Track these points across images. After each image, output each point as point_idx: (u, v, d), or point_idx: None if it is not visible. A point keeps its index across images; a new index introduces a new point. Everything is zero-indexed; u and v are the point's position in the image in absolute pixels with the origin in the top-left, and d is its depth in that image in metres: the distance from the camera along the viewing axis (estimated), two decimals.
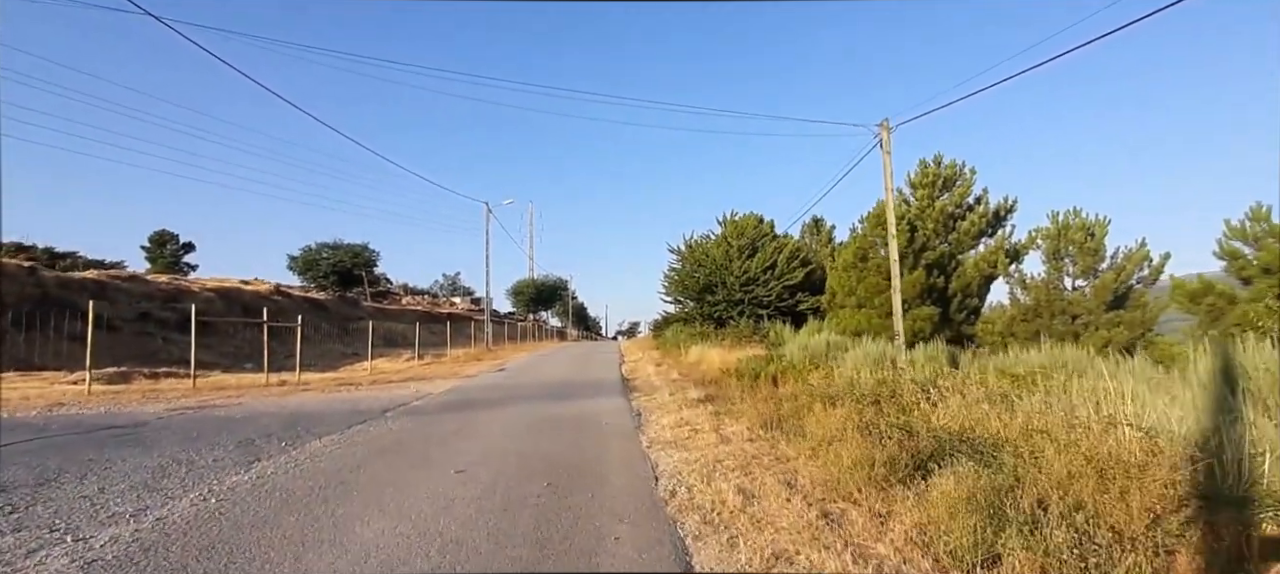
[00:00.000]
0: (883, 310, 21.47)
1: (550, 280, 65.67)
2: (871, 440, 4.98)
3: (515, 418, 8.11)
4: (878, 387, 8.15)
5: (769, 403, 8.53)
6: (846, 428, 5.55)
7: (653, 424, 7.79)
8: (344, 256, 35.24)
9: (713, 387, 11.52)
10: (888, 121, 10.77)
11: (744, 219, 31.52)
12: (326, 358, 20.60)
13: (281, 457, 5.71)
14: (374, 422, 7.78)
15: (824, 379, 10.11)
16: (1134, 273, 18.16)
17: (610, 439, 6.75)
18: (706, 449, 6.15)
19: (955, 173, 22.72)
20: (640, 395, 10.71)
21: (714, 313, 29.40)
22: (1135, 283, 18.46)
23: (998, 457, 4.45)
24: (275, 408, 8.78)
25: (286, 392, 10.80)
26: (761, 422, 7.35)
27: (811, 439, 5.82)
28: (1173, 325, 20.78)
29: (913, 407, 6.62)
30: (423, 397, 10.44)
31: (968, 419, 5.79)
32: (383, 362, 19.44)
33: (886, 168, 10.92)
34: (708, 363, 17.32)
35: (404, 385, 12.34)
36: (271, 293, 25.87)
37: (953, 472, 4.19)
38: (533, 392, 11.33)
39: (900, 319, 10.74)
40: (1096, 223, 19.01)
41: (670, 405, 9.22)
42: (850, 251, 22.91)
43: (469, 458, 5.70)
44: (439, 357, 22.07)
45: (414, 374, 15.43)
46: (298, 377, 12.68)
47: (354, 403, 9.45)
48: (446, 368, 17.53)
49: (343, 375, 14.98)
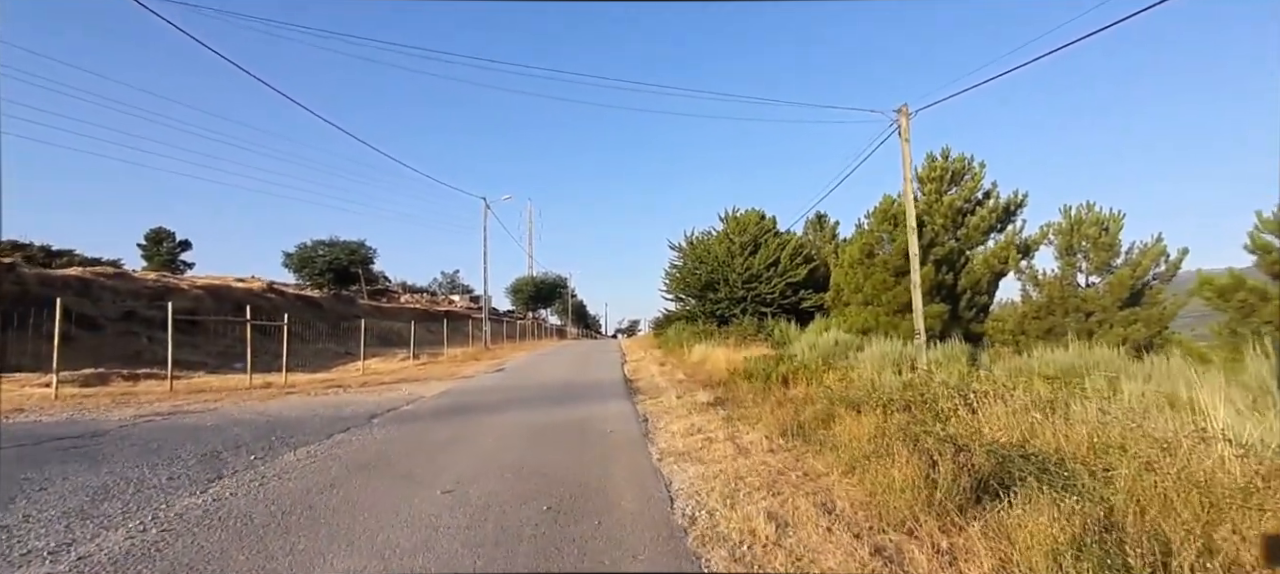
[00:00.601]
0: (890, 308, 20.85)
1: (550, 278, 64.98)
2: (920, 456, 4.32)
3: (512, 425, 7.44)
4: (904, 390, 7.50)
5: (787, 408, 7.87)
6: (888, 441, 4.89)
7: (662, 432, 7.13)
8: (340, 254, 34.47)
9: (721, 388, 10.87)
10: (906, 107, 10.12)
11: (746, 215, 30.86)
12: (319, 358, 19.91)
13: (247, 473, 5.03)
14: (358, 430, 7.10)
15: (840, 381, 9.46)
16: (1150, 269, 17.54)
17: (617, 450, 6.08)
18: (724, 462, 5.48)
19: (964, 166, 22.06)
20: (645, 398, 10.05)
21: (716, 310, 28.74)
22: (1151, 279, 17.85)
23: (1072, 478, 3.79)
24: (253, 414, 8.10)
25: (270, 395, 10.12)
26: (780, 429, 6.69)
27: (844, 452, 5.16)
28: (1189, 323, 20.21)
29: (949, 414, 5.97)
30: (414, 400, 9.76)
31: (1018, 429, 5.14)
32: (377, 362, 18.75)
33: (905, 156, 10.27)
34: (713, 362, 16.66)
35: (396, 387, 11.66)
36: (264, 290, 25.14)
37: (1027, 497, 3.53)
38: (532, 394, 10.66)
39: (921, 316, 10.11)
40: (1111, 217, 18.38)
41: (678, 410, 8.56)
42: (857, 247, 22.27)
43: (459, 474, 5.03)
44: (435, 356, 21.39)
45: (408, 375, 14.75)
46: (284, 378, 12.00)
47: (340, 407, 8.77)
48: (442, 368, 16.85)
49: (333, 377, 14.30)
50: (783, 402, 8.86)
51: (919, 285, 10.45)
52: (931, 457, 4.27)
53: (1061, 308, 18.74)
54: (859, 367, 10.23)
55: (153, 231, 49.09)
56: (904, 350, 10.78)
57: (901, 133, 10.18)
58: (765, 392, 9.63)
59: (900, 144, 10.26)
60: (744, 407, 8.73)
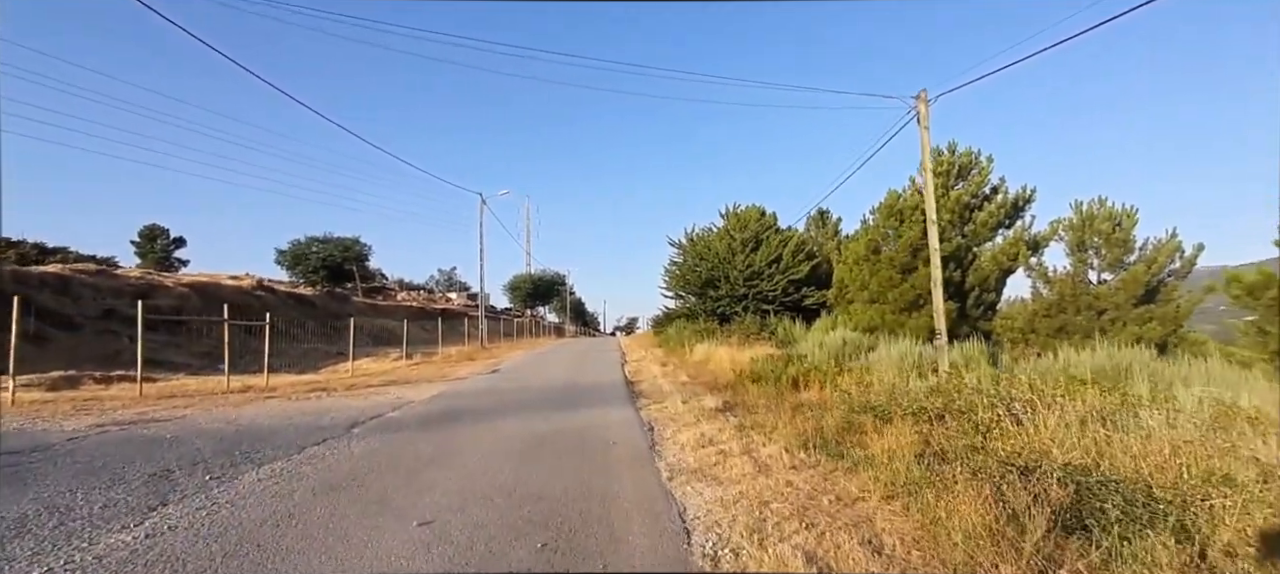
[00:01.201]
0: (897, 305, 20.22)
1: (547, 275, 64.23)
2: (981, 483, 3.64)
3: (506, 436, 6.75)
4: (931, 396, 6.85)
5: (805, 416, 7.21)
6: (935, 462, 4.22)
7: (669, 443, 6.45)
8: (334, 250, 33.66)
9: (729, 392, 10.20)
10: (925, 93, 9.48)
11: (747, 211, 30.21)
12: (309, 358, 19.18)
13: (196, 498, 4.34)
14: (335, 441, 6.41)
15: (857, 384, 8.80)
16: (1166, 266, 16.93)
17: (621, 467, 5.40)
18: (743, 482, 4.81)
19: (971, 161, 21.42)
20: (649, 402, 9.37)
21: (717, 309, 28.09)
22: (1166, 277, 17.25)
23: (1164, 512, 3.13)
24: (223, 422, 7.40)
25: (246, 400, 9.41)
26: (801, 441, 6.02)
27: (881, 471, 4.49)
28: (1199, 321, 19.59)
29: (991, 426, 5.31)
30: (402, 405, 9.07)
31: (1079, 446, 4.48)
32: (368, 362, 18.04)
33: (924, 144, 9.61)
34: (716, 363, 16.00)
35: (384, 391, 10.96)
36: (254, 288, 24.36)
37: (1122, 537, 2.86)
38: (528, 398, 9.98)
39: (942, 315, 9.45)
40: (1124, 213, 17.78)
41: (685, 416, 7.88)
42: (862, 244, 21.63)
43: (441, 500, 4.34)
44: (429, 355, 20.67)
45: (399, 376, 14.04)
46: (265, 381, 11.29)
47: (319, 415, 8.07)
48: (435, 369, 16.15)
49: (319, 379, 13.58)
50: (798, 407, 8.21)
51: (940, 282, 9.81)
52: (996, 484, 3.60)
53: (1073, 306, 18.14)
54: (875, 369, 9.58)
55: (146, 228, 48.23)
56: (923, 351, 10.11)
57: (920, 120, 9.53)
58: (778, 397, 8.97)
59: (919, 132, 9.61)
60: (756, 413, 8.07)
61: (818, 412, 8.10)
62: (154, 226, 48.47)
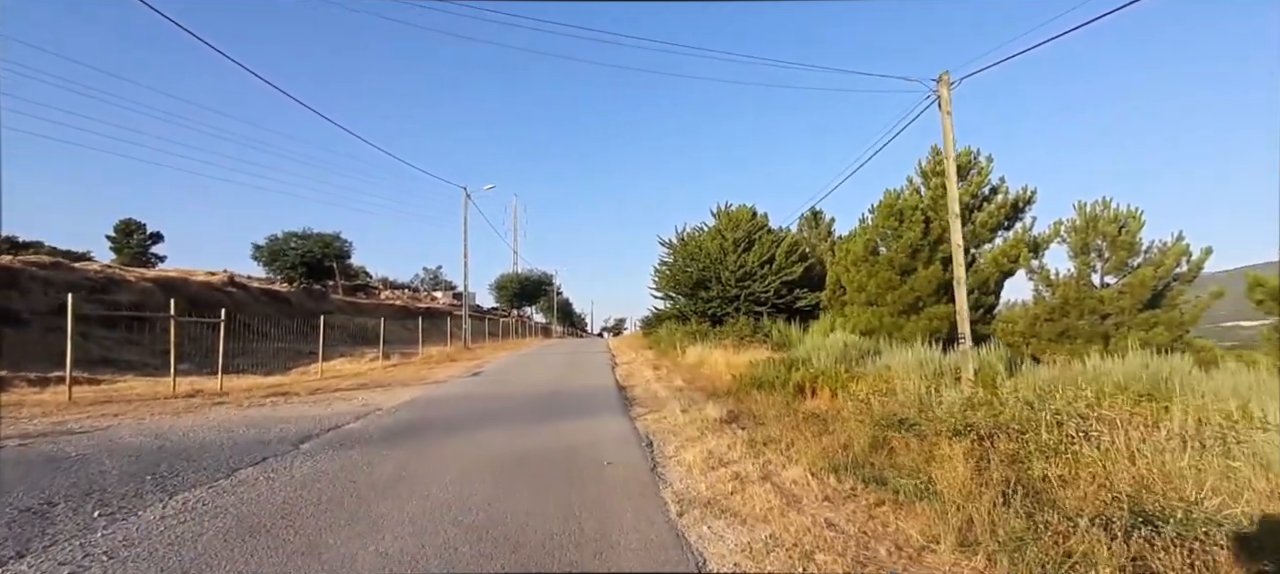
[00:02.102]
0: (895, 308, 19.47)
1: (535, 275, 62.98)
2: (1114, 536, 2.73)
3: (481, 454, 5.75)
4: (969, 410, 5.96)
5: (823, 430, 6.30)
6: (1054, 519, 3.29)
7: (674, 463, 5.49)
8: (313, 246, 32.16)
9: (731, 400, 9.28)
10: (947, 75, 8.63)
11: (738, 211, 29.38)
12: (279, 358, 17.95)
13: (70, 546, 3.30)
14: (277, 460, 5.36)
15: (875, 393, 7.91)
16: (1173, 269, 16.33)
17: (618, 496, 4.43)
18: (772, 520, 3.87)
19: (970, 160, 20.77)
20: (645, 411, 8.41)
21: (708, 309, 27.22)
22: (1172, 280, 16.66)
23: None
24: (151, 435, 6.30)
25: (191, 406, 8.29)
26: (828, 463, 5.10)
27: (950, 510, 3.56)
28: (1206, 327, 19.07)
29: (1061, 448, 4.42)
30: (367, 414, 8.01)
31: (1196, 481, 3.60)
32: (343, 363, 16.87)
33: (947, 130, 8.77)
34: (712, 366, 15.09)
35: (351, 395, 9.88)
36: (224, 284, 22.98)
37: None
38: (510, 406, 8.96)
39: (966, 319, 8.58)
40: (1130, 214, 17.15)
41: (687, 429, 6.93)
42: (861, 244, 20.85)
43: (391, 545, 3.34)
44: (409, 356, 19.53)
45: (372, 379, 12.94)
46: (219, 384, 10.15)
47: (268, 425, 7.00)
48: (413, 371, 15.04)
49: (284, 381, 12.43)
50: (810, 418, 7.30)
51: (963, 280, 8.96)
52: (1126, 535, 2.69)
53: (1077, 309, 17.50)
54: (891, 376, 8.71)
55: (122, 223, 46.45)
56: (944, 358, 9.26)
57: (942, 104, 8.70)
58: (787, 406, 8.05)
59: (940, 117, 8.77)
60: (765, 425, 7.14)
61: (832, 423, 7.20)
62: (130, 221, 46.69)
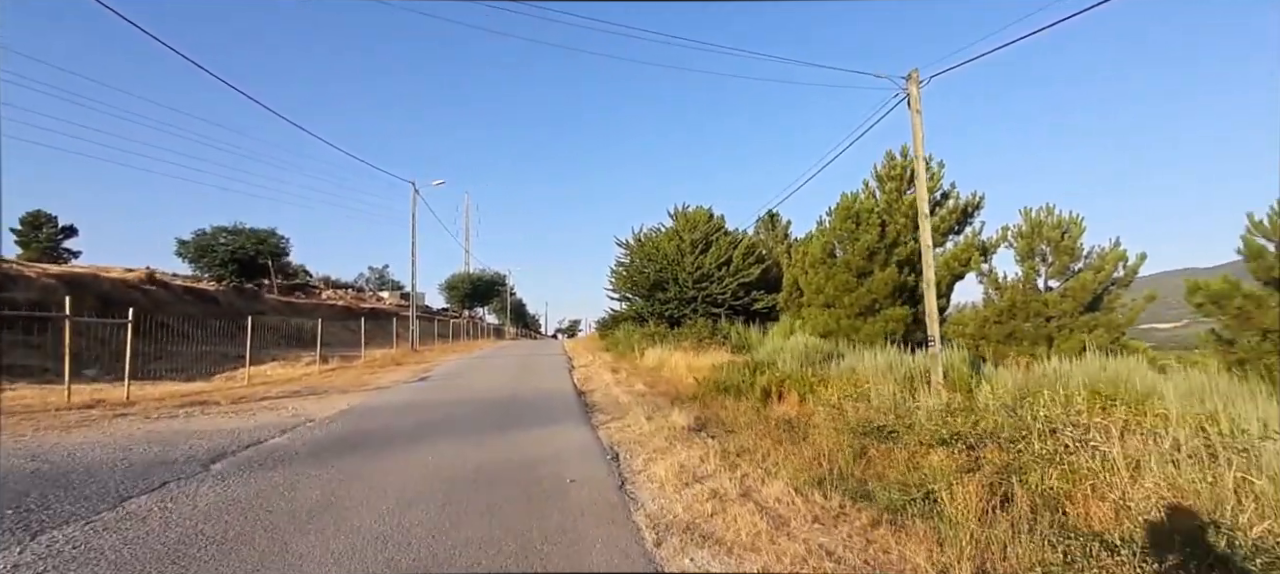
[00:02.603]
0: (852, 310, 19.57)
1: (487, 275, 61.31)
2: None
3: (426, 473, 5.08)
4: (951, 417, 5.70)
5: (795, 438, 5.94)
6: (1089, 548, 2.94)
7: (643, 479, 4.97)
8: (245, 242, 29.95)
9: (696, 405, 8.85)
10: (916, 72, 8.48)
11: (696, 212, 29.20)
12: (204, 362, 16.46)
13: None
14: (179, 485, 4.55)
15: (846, 397, 7.63)
16: (1111, 273, 17.01)
17: (586, 522, 3.87)
18: (761, 547, 3.41)
19: None
20: (607, 419, 7.86)
21: (665, 311, 26.88)
22: (1109, 285, 17.37)
23: None
24: (27, 455, 5.31)
25: (87, 419, 7.21)
26: (811, 476, 4.71)
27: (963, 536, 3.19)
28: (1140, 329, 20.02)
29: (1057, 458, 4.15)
30: (295, 426, 7.15)
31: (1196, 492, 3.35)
32: (277, 367, 15.59)
33: (916, 129, 8.62)
34: (672, 370, 14.68)
35: (280, 405, 8.90)
36: (142, 281, 20.95)
37: None
38: (460, 414, 8.24)
39: (936, 321, 8.41)
40: (1071, 220, 17.80)
41: (654, 439, 6.43)
42: (819, 247, 20.92)
43: None
44: (350, 360, 18.30)
45: (306, 385, 11.88)
46: (126, 392, 8.98)
47: (178, 440, 6.09)
48: (353, 376, 13.96)
49: (206, 388, 11.24)
50: (783, 426, 6.93)
51: (933, 282, 8.81)
52: None
53: (1023, 312, 18.03)
54: (859, 379, 8.47)
55: (29, 215, 42.54)
56: (912, 361, 9.10)
57: (911, 102, 8.54)
58: (758, 413, 7.68)
59: (910, 115, 8.62)
60: (736, 433, 6.73)
61: (805, 430, 6.86)
62: (39, 213, 42.82)
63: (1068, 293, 17.10)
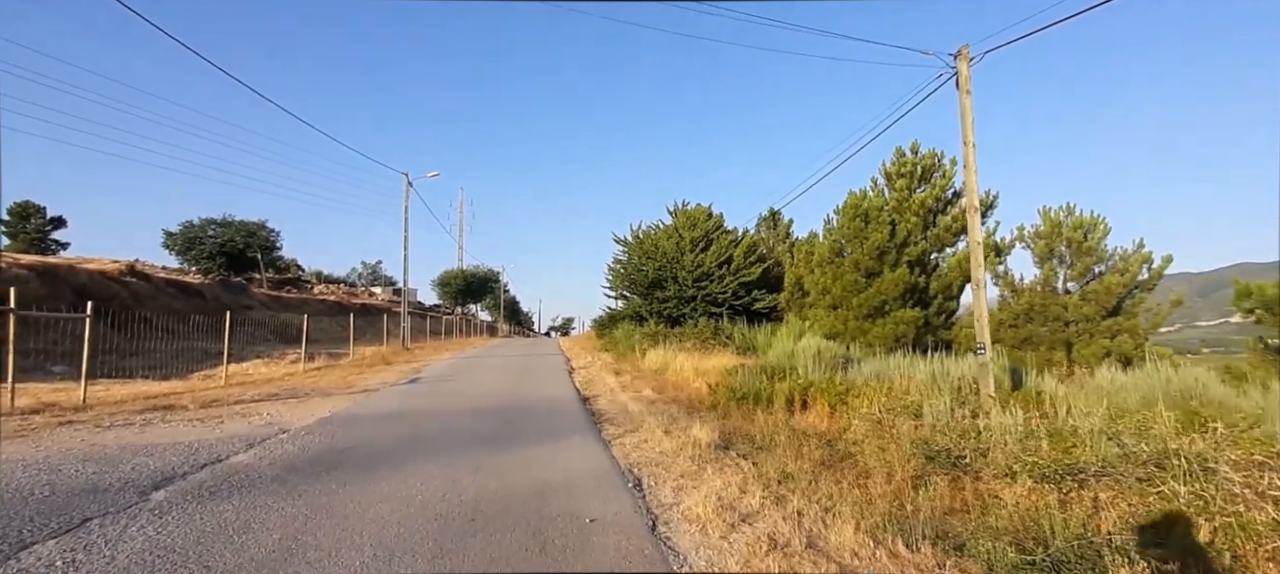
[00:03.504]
0: (860, 312, 18.75)
1: (481, 272, 60.21)
2: None
3: (411, 510, 4.16)
4: (1027, 440, 4.83)
5: (847, 459, 5.06)
6: None
7: (679, 521, 4.06)
8: (234, 235, 28.81)
9: (715, 415, 7.96)
10: (966, 49, 7.60)
11: (696, 210, 28.34)
12: (183, 359, 15.41)
13: None
14: (104, 523, 3.60)
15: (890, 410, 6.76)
16: (1136, 276, 16.25)
17: None
18: None
19: (934, 163, 20.37)
20: (619, 431, 6.94)
21: (665, 310, 25.99)
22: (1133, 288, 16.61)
23: None
24: None
25: (25, 429, 6.22)
26: (880, 514, 3.83)
27: None
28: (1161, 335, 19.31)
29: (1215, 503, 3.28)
30: (265, 438, 6.19)
31: None
32: (260, 365, 14.57)
33: (965, 110, 7.71)
34: (678, 373, 13.78)
35: (254, 410, 7.93)
36: (122, 273, 19.82)
37: None
38: (452, 426, 7.30)
39: (986, 326, 7.53)
40: (1093, 220, 17.03)
41: (678, 460, 5.52)
42: (826, 246, 20.09)
43: None
44: (337, 358, 17.28)
45: (288, 386, 10.89)
46: (82, 394, 7.99)
47: (119, 458, 5.13)
48: (338, 376, 12.96)
49: (179, 388, 10.23)
50: (818, 442, 6.05)
51: (982, 282, 7.92)
52: None
53: (1041, 315, 17.26)
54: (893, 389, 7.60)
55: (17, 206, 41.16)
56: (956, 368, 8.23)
57: (960, 82, 7.66)
58: (789, 428, 6.78)
59: (959, 96, 7.73)
60: (768, 451, 5.83)
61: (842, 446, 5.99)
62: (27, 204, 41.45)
63: (1089, 296, 16.33)
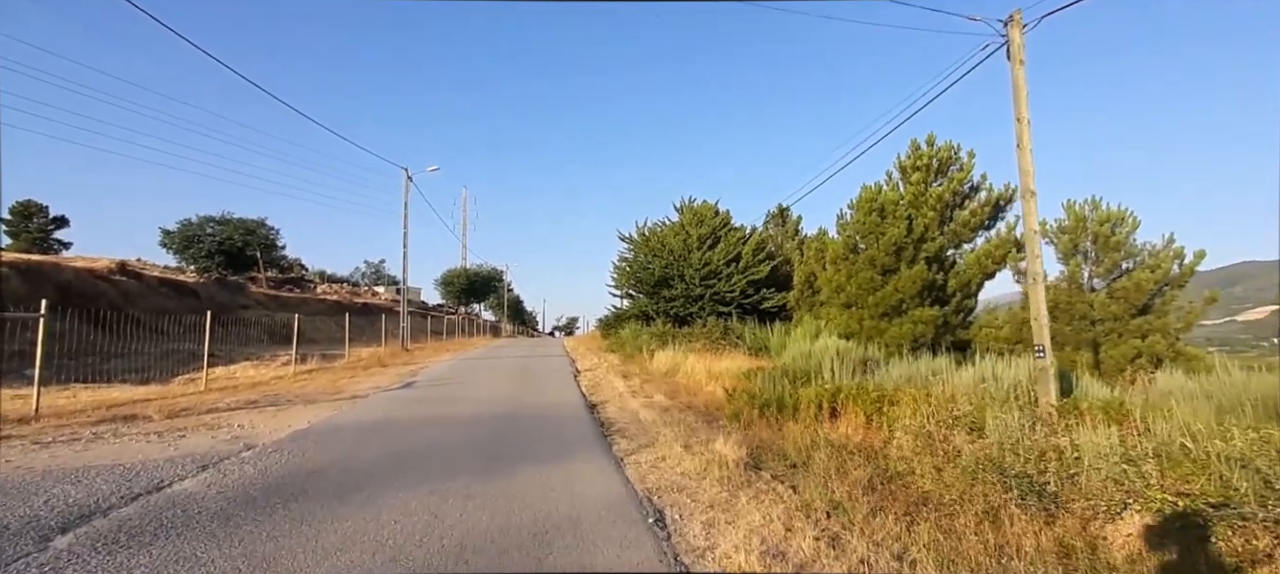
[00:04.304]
0: (876, 311, 17.84)
1: (484, 271, 59.39)
2: None
3: (378, 556, 3.30)
4: (1126, 464, 3.96)
5: (899, 482, 4.20)
6: None
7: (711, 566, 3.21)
8: (233, 232, 28.07)
9: (735, 424, 7.10)
10: (1018, 15, 6.71)
11: (702, 206, 27.47)
12: (170, 361, 14.60)
13: None
14: None
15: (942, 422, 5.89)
16: (1168, 272, 15.32)
17: None
18: None
19: (951, 155, 19.44)
20: (632, 447, 6.08)
21: (671, 309, 25.12)
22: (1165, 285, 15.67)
23: None
24: None
25: None
26: (966, 566, 2.96)
27: None
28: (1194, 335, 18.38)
29: None
30: (225, 457, 5.35)
31: None
32: (249, 368, 13.75)
33: (1019, 84, 6.81)
34: (690, 375, 12.90)
35: (225, 420, 7.10)
36: (111, 270, 19.04)
37: None
38: (443, 441, 6.44)
39: (1046, 326, 6.67)
40: (1120, 214, 16.09)
41: (703, 483, 4.66)
42: (840, 242, 19.19)
43: None
44: (332, 359, 16.46)
45: (272, 391, 10.06)
46: (34, 402, 7.16)
47: (37, 487, 4.28)
48: (328, 379, 12.12)
49: (151, 395, 9.39)
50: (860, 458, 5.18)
51: (1040, 277, 7.05)
52: None
53: (1066, 314, 16.34)
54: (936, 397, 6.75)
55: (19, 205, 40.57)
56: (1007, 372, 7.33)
57: (1011, 51, 6.77)
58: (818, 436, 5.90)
59: (1010, 68, 6.85)
60: (803, 469, 4.97)
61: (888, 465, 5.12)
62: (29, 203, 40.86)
63: (1118, 293, 15.39)
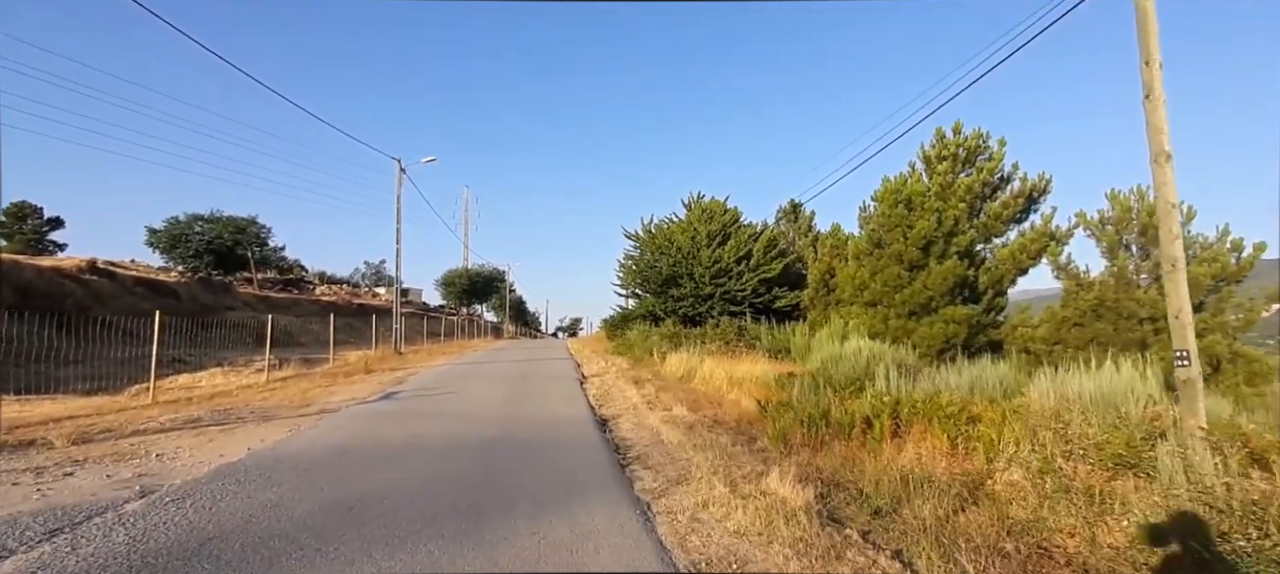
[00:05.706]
0: (902, 310, 16.40)
1: (486, 271, 57.97)
2: None
3: None
4: None
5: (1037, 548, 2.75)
6: None
7: None
8: (222, 231, 26.69)
9: (779, 446, 5.67)
10: None
11: (712, 203, 26.06)
12: (132, 367, 13.18)
13: None
14: None
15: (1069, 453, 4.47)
16: (1227, 265, 13.89)
17: None
18: None
19: (980, 144, 18.03)
20: (657, 482, 4.65)
21: (680, 309, 23.71)
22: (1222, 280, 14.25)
23: None
24: None
25: None
26: None
27: None
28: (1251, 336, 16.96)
29: None
30: (107, 507, 3.91)
31: None
32: (217, 375, 12.33)
33: (1148, 19, 5.28)
34: (708, 381, 11.45)
35: (146, 445, 5.65)
36: (80, 269, 17.61)
37: None
38: (411, 479, 4.98)
39: (1191, 327, 5.23)
40: None
41: (767, 549, 3.23)
42: (863, 237, 17.77)
43: None
44: (314, 365, 15.03)
45: (231, 404, 8.63)
46: None
47: None
48: (299, 389, 10.63)
49: (90, 408, 7.94)
50: (971, 502, 3.75)
51: (1181, 262, 5.63)
52: None
53: (1111, 313, 14.91)
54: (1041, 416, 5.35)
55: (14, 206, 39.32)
56: (1133, 384, 5.88)
57: None
58: (933, 489, 4.46)
59: (1135, 3, 5.41)
60: (894, 517, 3.55)
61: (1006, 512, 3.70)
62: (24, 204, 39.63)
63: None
